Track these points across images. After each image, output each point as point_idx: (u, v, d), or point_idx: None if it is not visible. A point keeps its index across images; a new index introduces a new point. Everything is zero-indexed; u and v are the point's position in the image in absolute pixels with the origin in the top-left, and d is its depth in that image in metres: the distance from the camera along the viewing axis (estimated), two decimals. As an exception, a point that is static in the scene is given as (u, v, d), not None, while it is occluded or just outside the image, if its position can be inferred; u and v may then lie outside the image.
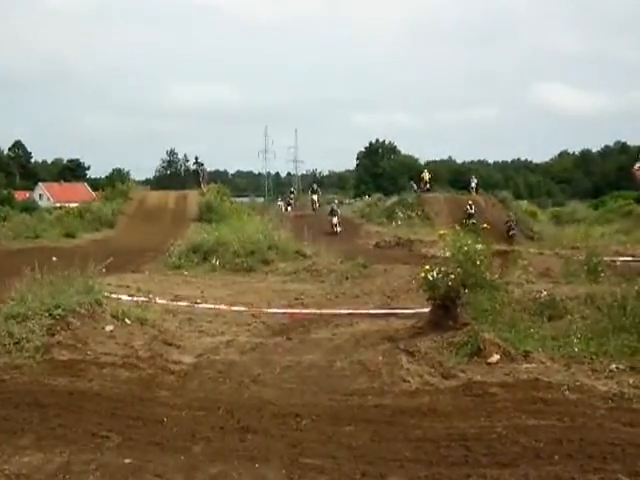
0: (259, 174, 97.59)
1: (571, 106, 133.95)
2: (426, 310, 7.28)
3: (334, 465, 4.00)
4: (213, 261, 14.45)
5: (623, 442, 4.05)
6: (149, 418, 4.86)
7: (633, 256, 13.03)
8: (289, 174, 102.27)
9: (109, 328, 7.16)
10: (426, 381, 5.55)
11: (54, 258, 8.19)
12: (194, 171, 34.42)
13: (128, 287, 10.62)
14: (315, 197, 35.77)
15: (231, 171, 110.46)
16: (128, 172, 79.56)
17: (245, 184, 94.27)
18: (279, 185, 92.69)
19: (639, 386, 5.06)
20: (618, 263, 11.07)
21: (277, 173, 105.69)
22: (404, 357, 6.14)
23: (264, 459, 4.09)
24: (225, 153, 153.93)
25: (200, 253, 15.04)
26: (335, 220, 27.31)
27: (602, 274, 9.20)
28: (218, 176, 54.02)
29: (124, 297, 8.99)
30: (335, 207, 28.63)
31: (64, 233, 24.20)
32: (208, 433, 4.55)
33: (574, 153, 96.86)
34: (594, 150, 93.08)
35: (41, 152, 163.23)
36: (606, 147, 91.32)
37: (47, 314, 6.95)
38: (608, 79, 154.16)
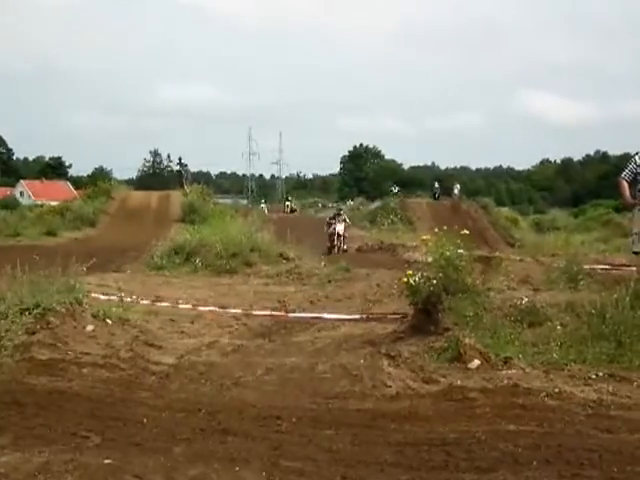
0: (243, 176, 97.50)
1: (554, 114, 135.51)
2: (407, 314, 7.32)
3: (314, 468, 4.01)
4: (195, 262, 14.40)
5: (600, 448, 4.10)
6: (129, 419, 4.83)
7: (612, 264, 13.18)
8: (273, 176, 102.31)
9: (90, 328, 7.10)
10: (407, 385, 5.57)
11: (35, 256, 8.13)
12: (177, 171, 34.34)
13: (109, 287, 10.54)
14: (341, 228, 20.73)
15: (214, 172, 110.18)
16: (110, 171, 79.12)
17: (228, 185, 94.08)
18: (263, 187, 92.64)
19: (617, 393, 5.13)
20: (599, 271, 11.18)
21: (261, 175, 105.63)
22: (385, 361, 6.16)
23: (244, 461, 4.08)
24: (209, 154, 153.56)
25: (182, 254, 14.98)
26: (341, 228, 19.54)
27: (582, 282, 9.30)
28: (201, 177, 53.88)
29: (104, 297, 8.93)
30: (341, 211, 21.75)
31: (45, 231, 24.06)
32: (188, 434, 4.53)
33: (555, 161, 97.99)
34: (575, 159, 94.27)
35: (23, 149, 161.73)
36: (587, 156, 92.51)
37: (27, 313, 6.89)
38: (591, 89, 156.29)
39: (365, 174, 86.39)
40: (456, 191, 39.85)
